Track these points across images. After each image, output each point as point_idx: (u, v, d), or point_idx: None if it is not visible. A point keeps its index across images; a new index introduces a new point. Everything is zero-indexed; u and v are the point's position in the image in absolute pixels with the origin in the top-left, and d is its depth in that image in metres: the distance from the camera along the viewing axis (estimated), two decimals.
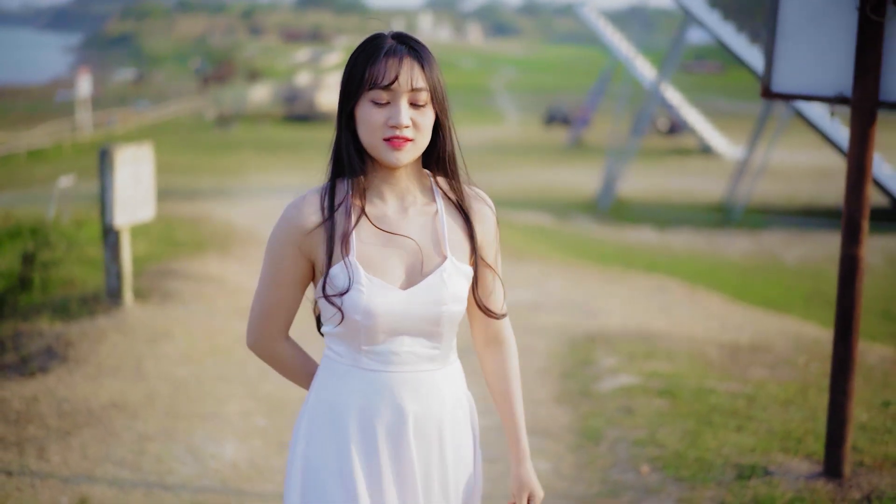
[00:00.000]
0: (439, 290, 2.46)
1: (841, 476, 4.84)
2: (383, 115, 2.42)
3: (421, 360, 2.50)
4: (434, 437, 2.53)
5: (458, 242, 2.53)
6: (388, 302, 2.43)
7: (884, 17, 4.55)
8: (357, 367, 2.49)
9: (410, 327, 2.47)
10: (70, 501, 4.69)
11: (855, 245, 4.73)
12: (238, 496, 4.98)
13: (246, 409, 6.21)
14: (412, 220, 2.51)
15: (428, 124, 2.46)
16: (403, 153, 2.43)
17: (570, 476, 5.33)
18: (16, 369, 6.87)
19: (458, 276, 2.50)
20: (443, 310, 2.47)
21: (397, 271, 2.47)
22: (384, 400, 2.48)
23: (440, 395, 2.53)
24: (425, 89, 2.44)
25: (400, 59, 2.42)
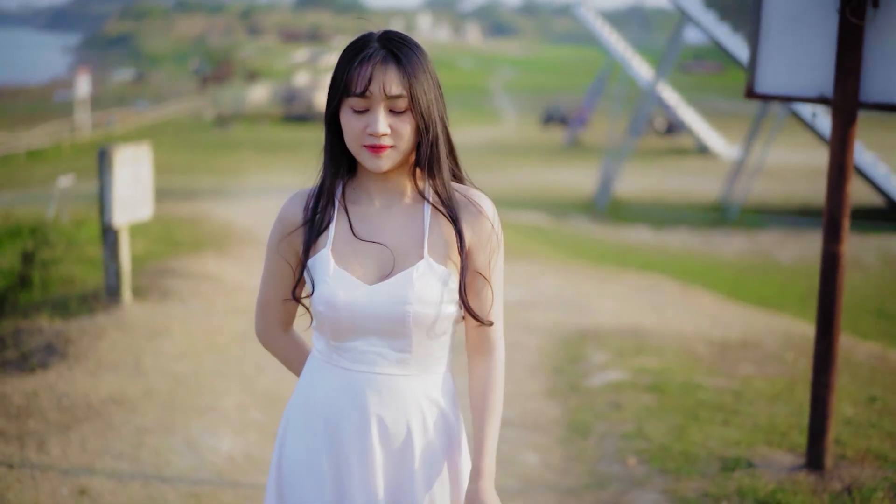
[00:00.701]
0: (404, 289, 2.42)
1: (822, 468, 4.96)
2: (362, 122, 2.40)
3: (389, 363, 2.47)
4: (400, 445, 2.48)
5: (440, 244, 2.48)
6: (351, 296, 2.43)
7: (863, 20, 4.67)
8: (330, 364, 2.51)
9: (375, 326, 2.44)
10: (70, 493, 4.81)
11: (836, 242, 4.84)
12: (234, 488, 5.10)
13: (242, 403, 6.33)
14: (395, 218, 2.50)
15: (407, 130, 2.42)
16: (383, 160, 2.41)
17: (558, 468, 5.46)
18: (16, 365, 6.99)
19: (432, 277, 2.44)
20: (406, 309, 2.41)
21: (370, 268, 2.47)
22: (349, 399, 2.48)
23: (405, 403, 2.48)
24: (403, 96, 2.39)
25: (375, 65, 2.39)
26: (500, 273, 2.55)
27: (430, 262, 2.44)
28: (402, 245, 2.47)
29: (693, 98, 45.12)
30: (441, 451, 2.50)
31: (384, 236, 2.48)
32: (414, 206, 2.51)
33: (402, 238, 2.48)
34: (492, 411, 2.50)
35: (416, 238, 2.47)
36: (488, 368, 2.54)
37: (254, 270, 11.15)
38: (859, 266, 16.73)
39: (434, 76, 2.48)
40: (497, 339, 2.57)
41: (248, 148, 36.05)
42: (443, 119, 2.49)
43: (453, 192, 2.51)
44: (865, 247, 18.49)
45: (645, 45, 62.39)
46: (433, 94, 2.45)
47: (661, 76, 26.77)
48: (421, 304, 2.41)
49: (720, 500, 4.71)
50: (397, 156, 2.43)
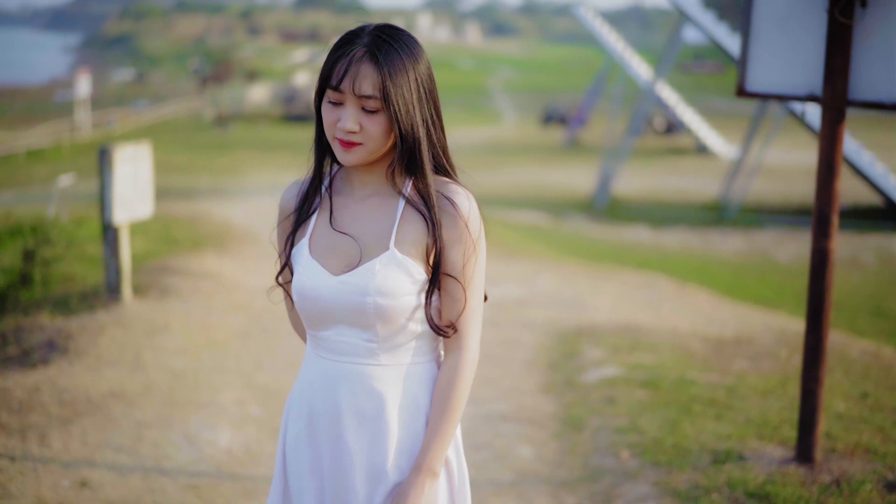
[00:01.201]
0: (366, 281, 2.42)
1: (812, 461, 5.03)
2: (336, 114, 2.42)
3: (359, 352, 2.48)
4: (371, 435, 2.48)
5: (410, 239, 2.46)
6: (318, 286, 2.46)
7: (852, 20, 4.74)
8: (313, 353, 2.56)
9: (341, 316, 2.46)
10: (71, 484, 4.88)
11: (825, 238, 4.91)
12: (233, 480, 5.17)
13: (241, 398, 6.41)
14: (369, 210, 2.51)
15: (377, 131, 2.40)
16: (352, 155, 2.42)
17: (552, 461, 5.53)
18: (18, 361, 7.06)
19: (396, 269, 2.43)
20: (367, 301, 2.41)
21: (340, 259, 2.48)
22: (325, 388, 2.50)
23: (376, 392, 2.48)
24: (375, 97, 2.37)
25: (351, 62, 2.39)
26: (477, 274, 2.50)
27: (395, 254, 2.43)
28: (371, 236, 2.47)
29: (692, 98, 45.22)
30: (413, 442, 2.49)
31: (356, 227, 2.49)
32: (390, 198, 2.50)
33: (372, 229, 2.48)
34: (446, 411, 2.46)
35: (385, 230, 2.47)
36: (453, 367, 2.48)
37: (252, 269, 11.24)
38: (857, 265, 16.80)
39: (421, 77, 2.44)
40: (467, 339, 2.50)
41: (247, 147, 36.13)
42: (427, 121, 2.46)
43: (434, 189, 2.47)
44: (863, 246, 18.57)
45: (644, 45, 62.49)
46: (414, 96, 2.42)
47: (660, 76, 26.85)
48: (381, 295, 2.41)
49: (711, 492, 4.78)
50: (366, 153, 2.43)
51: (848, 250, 17.74)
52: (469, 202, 2.47)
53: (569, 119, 45.27)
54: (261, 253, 12.60)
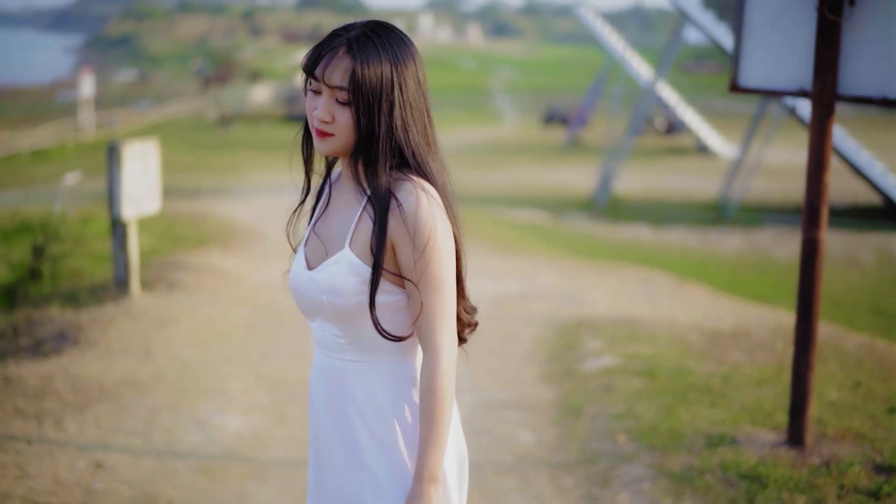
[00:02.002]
0: (322, 279, 2.45)
1: (803, 444, 5.20)
2: (314, 103, 2.45)
3: (332, 346, 2.51)
4: (345, 429, 2.51)
5: (363, 239, 2.44)
6: (294, 280, 2.54)
7: (840, 17, 4.91)
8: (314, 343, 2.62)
9: (310, 310, 2.52)
10: (86, 466, 5.05)
11: (815, 228, 5.08)
12: (242, 462, 5.35)
13: (248, 386, 6.58)
14: (341, 207, 2.53)
15: (346, 123, 2.41)
16: (325, 144, 2.44)
17: (551, 445, 5.71)
18: (30, 351, 7.24)
19: (346, 270, 2.43)
20: (322, 298, 2.45)
21: (316, 254, 2.52)
22: (315, 378, 2.59)
23: (343, 386, 2.51)
24: (345, 88, 2.38)
25: (328, 52, 2.42)
26: (433, 275, 2.41)
27: (348, 254, 2.43)
28: (336, 234, 2.50)
29: (693, 98, 45.34)
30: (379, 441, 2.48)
31: (326, 224, 2.54)
32: (358, 196, 2.49)
33: (338, 226, 2.50)
34: (431, 417, 2.39)
35: (346, 228, 2.47)
36: (427, 373, 2.41)
37: (256, 265, 11.41)
38: (856, 264, 16.93)
39: (400, 77, 2.42)
40: (434, 342, 2.42)
41: (249, 147, 36.31)
42: (396, 121, 2.42)
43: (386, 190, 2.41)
44: (862, 244, 18.70)
45: (645, 46, 62.63)
46: (384, 93, 2.40)
47: (661, 76, 26.99)
48: (333, 294, 2.43)
49: (704, 473, 4.96)
50: (337, 144, 2.44)
51: (847, 249, 17.88)
52: (418, 202, 2.38)
53: (570, 119, 45.40)
54: (264, 250, 12.77)
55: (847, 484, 4.73)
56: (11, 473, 4.88)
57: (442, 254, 2.41)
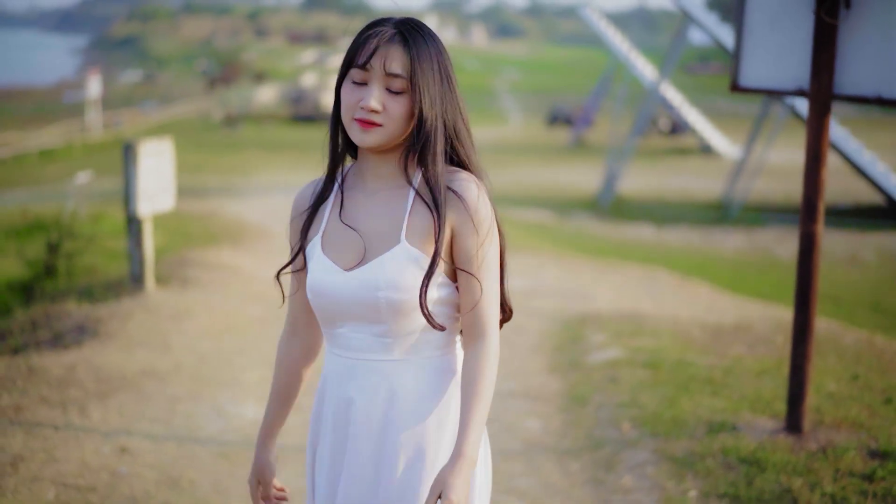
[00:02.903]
0: (376, 275, 2.39)
1: (801, 431, 5.40)
2: (358, 94, 2.41)
3: (372, 348, 2.46)
4: (375, 431, 2.48)
5: (420, 231, 2.43)
6: (330, 282, 2.44)
7: (837, 20, 5.11)
8: (329, 351, 2.55)
9: (353, 312, 2.44)
10: (111, 451, 5.26)
11: (812, 223, 5.29)
12: None
13: (263, 377, 6.79)
14: (378, 204, 2.48)
15: (400, 112, 2.40)
16: (369, 135, 2.40)
17: (557, 432, 5.92)
18: (51, 344, 7.46)
19: (407, 262, 2.40)
20: (379, 295, 2.39)
21: (350, 254, 2.46)
22: (337, 385, 2.51)
23: (388, 387, 2.47)
24: (402, 76, 2.38)
25: (380, 40, 2.40)
26: (490, 264, 2.46)
27: (406, 247, 2.41)
28: (381, 230, 2.45)
29: (697, 99, 45.52)
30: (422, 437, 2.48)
31: (366, 220, 2.47)
32: (400, 191, 2.48)
33: (382, 222, 2.45)
34: (476, 399, 2.39)
35: (395, 223, 2.44)
36: (476, 357, 2.42)
37: (267, 261, 11.62)
38: (858, 262, 17.08)
39: (445, 69, 2.46)
40: (487, 329, 2.45)
41: (256, 147, 36.52)
42: (447, 111, 2.46)
43: (444, 181, 2.44)
44: (864, 244, 18.85)
45: (649, 46, 62.84)
46: (437, 85, 2.43)
47: (665, 77, 27.17)
48: (393, 290, 2.39)
49: (705, 458, 5.16)
50: (385, 135, 2.41)
51: (849, 248, 18.03)
52: (478, 192, 2.45)
53: (574, 120, 45.61)
54: (274, 247, 12.98)
55: (842, 468, 4.93)
56: (40, 458, 5.08)
57: (496, 243, 2.49)
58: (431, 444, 2.48)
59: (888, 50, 5.06)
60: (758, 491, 4.74)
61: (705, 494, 4.79)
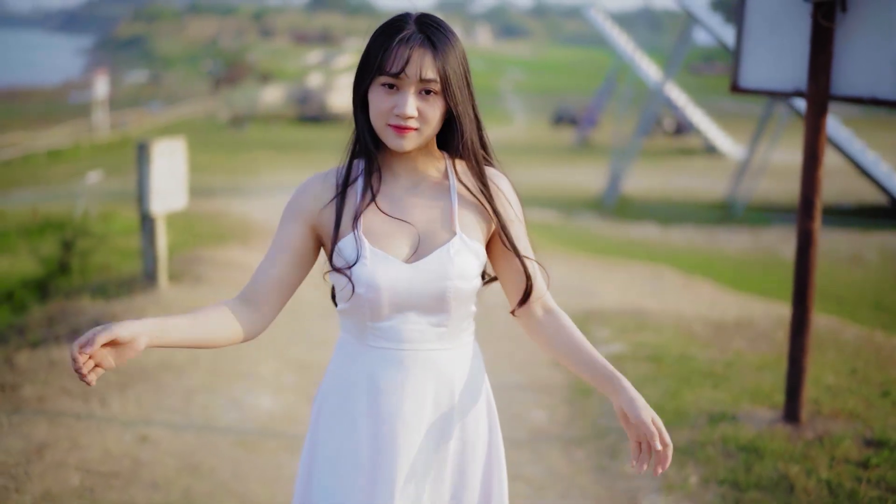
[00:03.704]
0: (444, 265, 2.45)
1: (798, 421, 5.58)
2: (391, 101, 2.43)
3: (427, 338, 2.50)
4: (440, 418, 2.53)
5: (470, 222, 2.53)
6: (392, 275, 2.44)
7: (833, 23, 5.29)
8: (365, 345, 2.52)
9: (415, 303, 2.46)
10: (132, 439, 5.45)
11: (809, 220, 5.47)
12: (276, 437, 5.75)
13: (277, 369, 6.99)
14: (422, 197, 2.54)
15: (434, 114, 2.45)
16: (407, 140, 2.44)
17: (563, 422, 6.11)
18: (68, 338, 7.64)
19: (467, 253, 2.48)
20: (447, 285, 2.45)
21: (403, 246, 2.48)
22: (391, 378, 2.50)
23: (447, 376, 2.54)
24: (435, 80, 2.42)
25: (412, 47, 2.41)
26: (527, 241, 2.61)
27: (464, 238, 2.49)
28: (431, 223, 2.50)
29: (701, 99, 45.68)
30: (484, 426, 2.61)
31: (412, 214, 2.51)
32: (440, 184, 2.55)
33: (430, 216, 2.51)
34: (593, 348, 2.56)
35: (444, 215, 2.51)
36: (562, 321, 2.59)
37: None
38: (860, 262, 17.20)
39: (465, 62, 2.50)
40: (549, 298, 2.62)
41: (262, 147, 36.72)
42: (473, 106, 2.55)
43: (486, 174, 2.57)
44: (867, 243, 18.99)
45: (654, 47, 62.91)
46: (463, 81, 2.49)
47: (669, 77, 27.36)
48: (460, 279, 2.46)
49: (706, 446, 5.34)
50: (420, 138, 2.46)
51: (852, 248, 18.15)
52: (509, 181, 2.63)
53: (579, 120, 45.81)
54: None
55: (838, 456, 5.11)
56: (64, 445, 5.27)
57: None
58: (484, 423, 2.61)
59: (883, 52, 5.24)
60: (756, 477, 4.92)
61: (705, 480, 4.98)
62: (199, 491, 4.92)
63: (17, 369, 6.53)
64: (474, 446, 2.59)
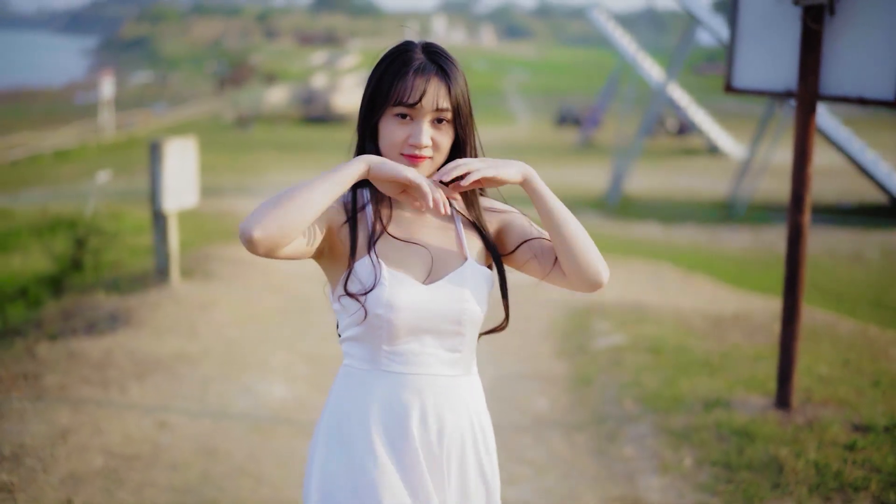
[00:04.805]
0: (461, 288, 2.48)
1: (789, 407, 5.82)
2: (405, 131, 2.46)
3: (442, 363, 2.50)
4: (456, 443, 2.52)
5: (475, 246, 2.58)
6: (411, 296, 2.45)
7: (822, 26, 5.53)
8: (378, 370, 2.49)
9: (432, 326, 2.47)
10: (152, 425, 5.70)
11: (799, 214, 5.70)
12: (289, 423, 6.00)
13: (288, 360, 7.24)
14: (429, 224, 2.57)
15: (447, 143, 2.50)
16: (420, 169, 2.47)
17: (564, 409, 6.36)
18: (86, 331, 7.89)
19: (479, 277, 2.52)
20: (465, 307, 2.47)
21: (417, 270, 2.50)
22: (407, 402, 2.47)
23: (463, 402, 2.54)
24: (448, 109, 2.48)
25: (427, 79, 2.46)
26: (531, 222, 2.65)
27: (474, 263, 2.53)
28: (441, 247, 2.53)
29: (704, 99, 45.82)
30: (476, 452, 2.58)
31: (422, 239, 2.53)
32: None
33: (440, 240, 2.54)
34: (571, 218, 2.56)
35: (452, 241, 2.55)
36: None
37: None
38: (861, 260, 17.38)
39: (468, 91, 2.56)
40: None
41: (267, 148, 36.94)
42: (475, 131, 2.60)
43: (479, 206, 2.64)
44: (867, 242, 19.16)
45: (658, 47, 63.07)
46: (468, 108, 2.56)
47: (671, 77, 27.55)
48: (475, 302, 2.49)
49: (701, 431, 5.59)
50: (432, 166, 2.50)
51: (853, 246, 18.32)
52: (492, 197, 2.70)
53: (582, 120, 45.98)
54: None
55: (826, 439, 5.34)
56: (87, 430, 5.52)
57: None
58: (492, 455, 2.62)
59: (869, 54, 5.47)
60: (748, 459, 5.16)
61: (699, 462, 5.22)
62: (217, 472, 5.17)
63: (38, 359, 6.78)
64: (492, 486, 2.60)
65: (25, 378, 6.36)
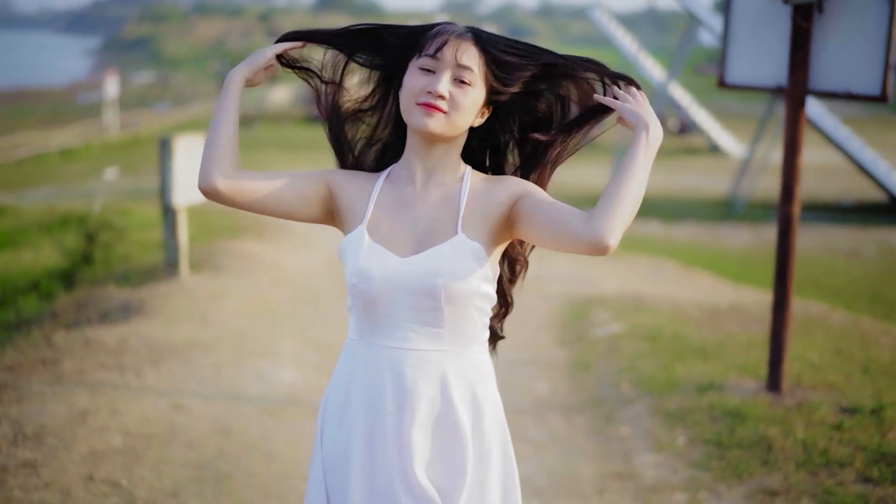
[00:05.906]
0: (436, 262, 2.44)
1: (780, 390, 6.06)
2: (424, 81, 2.48)
3: (421, 337, 2.48)
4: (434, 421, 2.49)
5: (476, 221, 2.51)
6: (383, 267, 2.46)
7: (811, 24, 5.76)
8: (363, 340, 2.54)
9: (406, 299, 2.46)
10: (167, 407, 5.93)
11: (789, 205, 5.94)
12: (299, 405, 6.24)
13: (298, 348, 7.48)
14: (431, 195, 2.55)
15: (466, 104, 2.48)
16: (433, 120, 2.46)
17: (564, 393, 6.61)
18: (99, 321, 8.13)
19: (465, 252, 2.46)
20: (438, 282, 2.43)
21: (404, 242, 2.51)
22: (386, 375, 2.49)
23: (438, 378, 2.49)
24: (472, 70, 2.48)
25: (451, 34, 2.51)
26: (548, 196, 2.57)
27: (464, 238, 2.47)
28: (437, 221, 2.52)
29: (705, 99, 46.00)
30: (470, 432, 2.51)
31: (420, 213, 2.53)
32: (452, 188, 2.55)
33: (437, 214, 2.52)
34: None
35: (451, 214, 2.51)
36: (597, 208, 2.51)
37: (290, 252, 12.31)
38: (859, 257, 17.57)
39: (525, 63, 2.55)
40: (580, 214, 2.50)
41: (271, 147, 37.17)
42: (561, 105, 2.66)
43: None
44: (866, 239, 19.35)
45: (659, 47, 63.26)
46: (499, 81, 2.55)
47: (673, 77, 27.78)
48: (452, 277, 2.44)
49: (694, 412, 5.83)
50: (447, 123, 2.48)
51: (851, 244, 18.49)
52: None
53: None
54: (295, 239, 13.65)
55: (814, 420, 5.58)
56: (105, 412, 5.75)
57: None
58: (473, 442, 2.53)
59: (856, 50, 5.71)
60: (738, 438, 5.40)
61: (692, 441, 5.46)
62: (231, 450, 5.40)
63: (55, 346, 7.02)
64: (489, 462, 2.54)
65: (44, 363, 6.60)
